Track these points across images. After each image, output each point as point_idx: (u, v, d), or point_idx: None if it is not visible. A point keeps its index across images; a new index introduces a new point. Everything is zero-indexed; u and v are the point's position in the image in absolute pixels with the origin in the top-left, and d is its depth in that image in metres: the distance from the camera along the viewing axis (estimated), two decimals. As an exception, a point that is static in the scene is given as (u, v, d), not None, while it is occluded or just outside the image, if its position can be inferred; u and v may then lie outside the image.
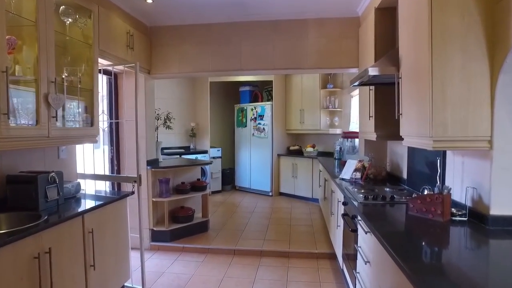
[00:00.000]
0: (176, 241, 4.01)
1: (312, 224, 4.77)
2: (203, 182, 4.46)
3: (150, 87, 4.01)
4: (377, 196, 2.35)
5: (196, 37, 3.81)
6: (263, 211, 5.53)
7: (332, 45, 3.58)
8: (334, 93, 6.23)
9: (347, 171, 3.32)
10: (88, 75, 2.69)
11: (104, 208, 2.42)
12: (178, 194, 4.18)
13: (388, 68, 2.19)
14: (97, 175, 2.99)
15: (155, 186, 4.04)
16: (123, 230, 2.72)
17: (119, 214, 2.66)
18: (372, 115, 2.89)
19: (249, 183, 7.05)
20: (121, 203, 2.68)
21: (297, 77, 6.59)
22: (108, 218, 2.49)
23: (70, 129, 2.50)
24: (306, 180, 6.19)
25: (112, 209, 2.54)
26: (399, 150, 3.12)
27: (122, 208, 2.71)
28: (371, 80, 2.56)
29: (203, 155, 6.63)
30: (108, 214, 2.49)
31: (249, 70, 3.72)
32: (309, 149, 6.34)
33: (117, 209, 2.61)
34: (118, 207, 2.63)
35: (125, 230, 2.74)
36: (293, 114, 6.71)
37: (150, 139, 4.04)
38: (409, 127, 1.99)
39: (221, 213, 5.43)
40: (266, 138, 6.68)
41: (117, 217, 2.62)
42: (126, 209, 2.77)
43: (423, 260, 1.35)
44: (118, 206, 2.63)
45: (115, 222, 2.59)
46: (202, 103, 6.95)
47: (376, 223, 1.81)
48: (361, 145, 3.82)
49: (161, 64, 3.88)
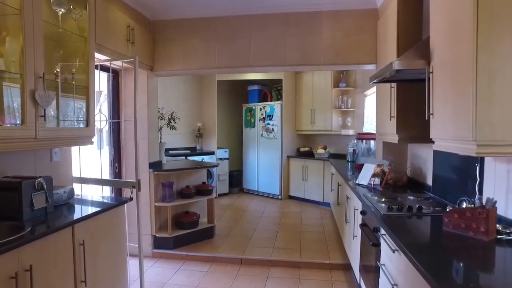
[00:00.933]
0: (179, 249, 3.79)
1: (324, 230, 4.50)
2: (208, 186, 4.23)
3: (153, 85, 3.79)
4: (402, 206, 2.08)
5: (202, 32, 3.57)
6: (272, 216, 5.27)
7: (348, 40, 3.31)
8: (347, 92, 5.94)
9: (364, 176, 3.05)
10: (84, 71, 2.48)
11: (98, 216, 2.19)
12: (182, 199, 3.96)
13: (417, 61, 1.92)
14: (93, 179, 2.77)
15: (157, 190, 3.82)
16: (120, 240, 2.50)
17: (116, 222, 2.43)
18: (393, 115, 2.62)
19: (257, 186, 6.80)
20: (118, 210, 2.45)
21: (308, 76, 6.32)
22: (103, 228, 2.26)
23: (61, 130, 2.28)
24: (317, 183, 5.91)
25: (108, 217, 2.32)
26: (422, 153, 2.84)
27: (119, 215, 2.48)
28: (393, 77, 2.29)
29: (209, 157, 6.41)
30: (103, 223, 2.26)
31: (258, 66, 3.47)
32: (320, 150, 6.06)
33: (113, 217, 2.39)
34: (115, 215, 2.41)
35: (122, 240, 2.52)
36: (303, 114, 6.44)
37: (153, 140, 3.82)
38: (443, 128, 1.72)
39: (227, 218, 5.20)
40: (275, 139, 6.42)
41: (113, 226, 2.39)
42: (123, 217, 2.54)
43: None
44: (115, 214, 2.41)
45: (111, 232, 2.37)
46: (209, 102, 6.73)
47: (406, 240, 1.54)
48: (378, 148, 3.54)
49: (165, 61, 3.66)
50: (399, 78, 2.43)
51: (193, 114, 6.84)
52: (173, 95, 6.48)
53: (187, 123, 6.72)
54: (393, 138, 2.70)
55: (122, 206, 2.52)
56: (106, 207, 2.29)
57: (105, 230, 2.29)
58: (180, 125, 6.60)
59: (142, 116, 3.66)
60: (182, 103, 6.65)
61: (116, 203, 2.44)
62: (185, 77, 6.66)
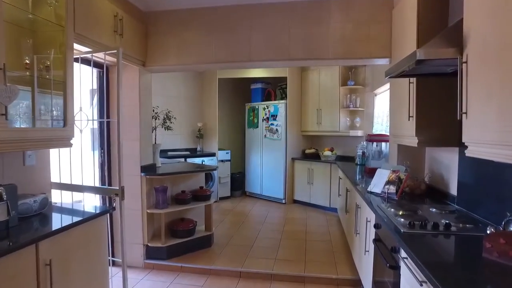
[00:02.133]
0: (174, 259, 3.49)
1: (331, 239, 4.17)
2: (206, 191, 3.92)
3: (146, 82, 3.50)
4: (425, 222, 1.75)
5: (198, 24, 3.27)
6: (275, 222, 4.96)
7: (359, 31, 2.98)
8: (356, 90, 5.60)
9: (377, 183, 2.72)
10: (62, 64, 2.20)
11: (72, 230, 1.90)
12: (178, 205, 3.66)
13: (446, 50, 1.59)
14: (74, 185, 2.48)
15: (150, 195, 3.53)
16: (100, 255, 2.20)
17: (94, 236, 2.14)
18: (412, 115, 2.29)
19: (260, 189, 6.49)
20: (97, 222, 2.15)
21: (314, 73, 5.99)
22: (78, 243, 1.97)
23: (31, 130, 2.00)
24: (323, 187, 5.58)
25: (84, 230, 2.02)
26: (444, 158, 2.50)
27: (99, 228, 2.19)
28: (413, 70, 1.96)
29: (210, 158, 6.11)
30: (78, 238, 1.97)
31: (260, 61, 3.16)
32: (326, 152, 5.73)
33: (91, 230, 2.10)
34: (93, 227, 2.11)
35: (102, 255, 2.22)
36: (309, 114, 6.11)
37: (146, 141, 3.53)
38: (481, 131, 1.39)
39: (228, 224, 4.89)
40: (279, 140, 6.10)
41: (90, 240, 2.10)
42: (104, 229, 2.25)
43: None
44: (93, 226, 2.11)
45: (88, 247, 2.07)
46: (210, 101, 6.43)
47: (437, 271, 1.22)
48: (392, 151, 3.21)
49: (158, 55, 3.36)
50: (420, 72, 2.10)
51: (193, 114, 6.56)
52: (173, 94, 6.21)
53: (187, 123, 6.44)
54: (411, 141, 2.37)
55: (102, 217, 2.23)
56: (81, 219, 1.99)
57: (80, 246, 1.99)
58: (180, 125, 6.33)
59: (134, 116, 3.38)
60: (182, 102, 6.37)
61: (94, 214, 2.14)
62: (185, 75, 6.38)
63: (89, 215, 2.09)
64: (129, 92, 3.36)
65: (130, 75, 3.35)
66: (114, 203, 2.41)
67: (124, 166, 3.40)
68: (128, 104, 3.37)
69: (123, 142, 3.38)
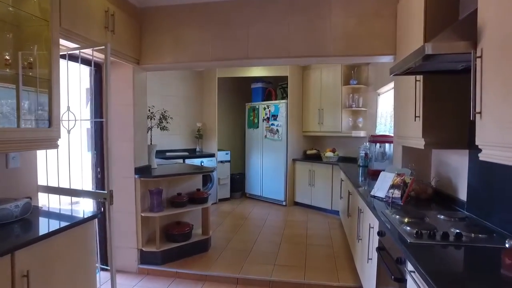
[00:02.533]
0: (169, 264, 3.37)
1: (332, 243, 4.03)
2: (203, 193, 3.79)
3: (140, 80, 3.37)
4: (433, 231, 1.61)
5: (194, 20, 3.14)
6: (275, 225, 4.82)
7: (362, 27, 2.84)
8: (358, 90, 5.45)
9: (381, 186, 2.58)
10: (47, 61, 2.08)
11: (53, 238, 1.78)
12: (173, 208, 3.53)
13: (458, 43, 1.45)
14: (61, 188, 2.36)
15: (145, 198, 3.40)
16: (86, 264, 2.07)
17: (80, 243, 2.01)
18: (419, 115, 2.15)
19: (261, 191, 6.35)
20: (83, 228, 2.03)
21: (315, 72, 5.85)
22: (60, 251, 1.84)
23: (11, 131, 1.88)
24: (324, 189, 5.44)
25: (68, 237, 1.90)
26: (453, 161, 2.36)
27: (86, 234, 2.06)
28: (420, 67, 1.83)
29: (209, 159, 5.99)
30: (60, 246, 1.84)
31: (257, 58, 3.03)
32: (328, 153, 5.59)
33: (76, 237, 1.97)
34: (78, 234, 1.99)
35: (88, 263, 2.09)
36: (310, 114, 5.97)
37: (140, 142, 3.41)
38: (498, 133, 1.25)
39: (226, 227, 4.76)
40: (280, 141, 5.97)
41: (76, 247, 1.97)
42: (92, 235, 2.12)
43: None
44: (78, 233, 1.98)
45: (73, 255, 1.94)
46: (210, 101, 6.30)
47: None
48: (396, 153, 3.06)
49: (153, 53, 3.24)
50: (427, 69, 1.97)
51: (192, 114, 6.43)
52: (171, 93, 6.10)
53: (186, 123, 6.32)
54: (418, 143, 2.23)
55: (90, 223, 2.10)
56: (64, 226, 1.87)
57: (63, 254, 1.86)
58: (179, 125, 6.21)
59: (127, 116, 3.26)
60: (181, 102, 6.26)
61: (80, 219, 2.01)
62: (184, 74, 6.26)
63: (74, 221, 1.97)
64: (122, 91, 3.24)
65: (124, 74, 3.23)
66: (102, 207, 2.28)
67: (117, 168, 3.30)
68: (122, 104, 3.25)
69: (116, 143, 3.28)
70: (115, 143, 3.27)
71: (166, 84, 6.02)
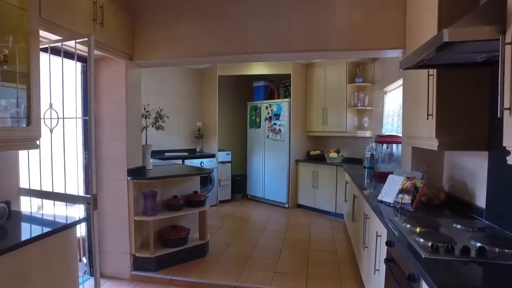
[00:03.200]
0: (163, 271, 3.19)
1: (336, 249, 3.83)
2: (200, 196, 3.62)
3: (134, 77, 3.21)
4: (451, 245, 1.41)
5: (190, 12, 2.97)
6: (276, 229, 4.63)
7: (369, 19, 2.64)
8: (364, 88, 5.25)
9: (389, 191, 2.38)
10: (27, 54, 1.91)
11: (28, 248, 1.61)
12: (169, 211, 3.36)
13: (483, 28, 1.25)
14: (42, 192, 2.19)
15: (138, 201, 3.24)
16: (67, 274, 1.90)
17: (59, 252, 1.84)
18: (432, 114, 1.94)
19: (262, 192, 6.16)
20: (64, 235, 1.86)
21: (319, 70, 5.65)
22: (36, 262, 1.67)
23: (-19, 130, 1.71)
24: (328, 191, 5.24)
25: (46, 246, 1.73)
26: (468, 163, 2.15)
27: (66, 242, 1.89)
28: (433, 60, 1.64)
29: (210, 160, 5.81)
30: (36, 255, 1.67)
31: (256, 53, 2.84)
32: (332, 154, 5.39)
33: (56, 245, 1.80)
34: (58, 242, 1.82)
35: (70, 273, 1.92)
36: (314, 113, 5.77)
37: (134, 141, 3.24)
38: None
39: (226, 230, 4.58)
40: (282, 141, 5.77)
41: (54, 257, 1.80)
42: (73, 243, 1.95)
43: None
44: (58, 240, 1.82)
45: (51, 265, 1.77)
46: (210, 100, 6.13)
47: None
48: (405, 155, 2.86)
49: (146, 48, 3.07)
50: (442, 62, 1.76)
51: (193, 113, 6.27)
52: (171, 92, 5.94)
53: (186, 123, 6.17)
54: (430, 144, 2.03)
55: (71, 230, 1.93)
56: (40, 234, 1.70)
57: (40, 265, 1.70)
58: (179, 125, 6.05)
59: (119, 114, 3.09)
60: (181, 100, 6.10)
61: (61, 226, 1.84)
62: (184, 72, 6.10)
63: (53, 228, 1.80)
64: (114, 88, 3.08)
65: (116, 70, 3.06)
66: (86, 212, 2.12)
67: (109, 169, 3.14)
68: (113, 102, 3.09)
69: (108, 143, 3.12)
70: (106, 143, 3.12)
71: (165, 82, 5.87)
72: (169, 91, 5.92)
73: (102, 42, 2.61)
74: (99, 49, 2.63)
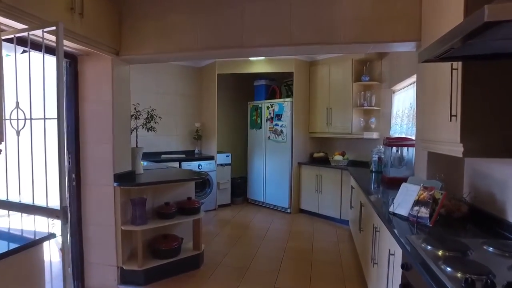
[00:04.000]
0: (153, 285, 2.94)
1: (341, 261, 3.54)
2: (195, 202, 3.35)
3: (122, 74, 2.95)
4: (490, 279, 1.12)
5: (181, 2, 2.70)
6: (277, 236, 4.35)
7: (380, 7, 2.36)
8: (371, 87, 4.95)
9: (403, 201, 2.10)
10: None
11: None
12: (160, 220, 3.10)
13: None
14: (9, 202, 1.93)
15: (126, 209, 2.98)
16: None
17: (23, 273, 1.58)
18: (456, 114, 1.66)
19: (263, 196, 5.89)
20: (27, 255, 1.60)
21: (323, 68, 5.36)
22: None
23: None
24: (333, 196, 4.95)
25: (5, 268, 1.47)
26: (496, 172, 1.87)
27: (30, 262, 1.63)
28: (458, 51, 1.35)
29: (208, 162, 5.55)
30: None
31: (254, 47, 2.57)
32: (337, 157, 5.10)
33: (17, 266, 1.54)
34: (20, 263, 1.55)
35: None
36: (318, 114, 5.48)
37: (122, 144, 2.98)
38: None
39: (223, 238, 4.31)
40: (284, 143, 5.49)
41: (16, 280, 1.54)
42: (39, 263, 1.69)
43: None
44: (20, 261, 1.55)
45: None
46: (209, 99, 5.86)
47: None
48: (419, 161, 2.57)
49: (134, 42, 2.81)
50: (469, 53, 1.48)
51: (191, 113, 6.01)
52: (168, 91, 5.70)
53: (184, 123, 5.92)
54: (453, 149, 1.74)
55: (37, 248, 1.67)
56: None
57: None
58: (176, 125, 5.81)
59: (105, 114, 2.84)
60: (179, 100, 5.85)
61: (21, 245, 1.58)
62: (183, 70, 5.85)
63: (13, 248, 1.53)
64: (99, 86, 2.82)
65: (101, 66, 2.81)
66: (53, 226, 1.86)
67: (94, 174, 2.88)
68: (99, 100, 2.84)
69: (92, 146, 2.86)
70: (91, 145, 2.87)
71: (162, 81, 5.62)
72: (166, 90, 5.67)
73: (82, 34, 2.35)
74: (79, 42, 2.38)
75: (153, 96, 5.43)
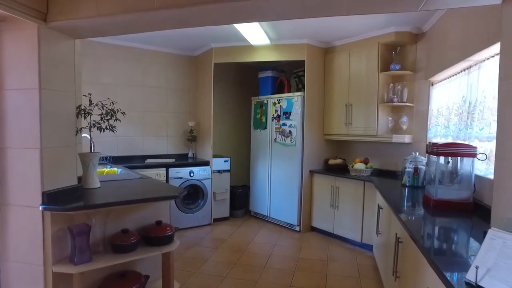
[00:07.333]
0: None
1: (367, 311, 2.59)
2: (165, 229, 2.45)
3: (57, 51, 2.09)
4: None
5: None
6: (281, 265, 3.43)
7: None
8: (402, 78, 3.97)
9: (497, 265, 1.14)
10: None
11: None
12: (114, 254, 2.23)
13: None
14: None
15: (61, 241, 2.12)
16: None
17: None
18: None
19: (268, 210, 4.96)
20: None
21: (342, 55, 4.39)
22: None
23: None
24: (352, 213, 3.99)
25: None
26: None
27: None
28: None
29: (202, 168, 4.67)
30: None
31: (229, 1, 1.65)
32: (358, 165, 4.13)
33: None
34: None
35: None
36: (335, 111, 4.52)
37: (58, 149, 2.12)
38: None
39: (212, 266, 3.41)
40: (293, 146, 4.56)
41: None
42: None
43: None
44: None
45: None
46: (205, 94, 4.98)
47: None
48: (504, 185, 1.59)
49: (68, 4, 1.94)
50: None
51: (184, 110, 5.16)
52: (157, 84, 4.89)
53: (176, 122, 5.09)
54: None
55: None
56: None
57: None
58: (167, 124, 4.98)
59: (31, 107, 1.99)
60: (170, 95, 5.01)
61: None
62: (176, 60, 5.01)
63: None
64: (22, 66, 1.98)
65: (24, 38, 1.96)
66: None
67: (16, 192, 2.04)
68: (21, 87, 1.98)
69: (15, 151, 2.02)
70: (12, 152, 2.02)
71: (149, 72, 4.79)
72: (154, 83, 4.83)
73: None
74: (9, 9, 1.52)
75: (139, 90, 4.63)
